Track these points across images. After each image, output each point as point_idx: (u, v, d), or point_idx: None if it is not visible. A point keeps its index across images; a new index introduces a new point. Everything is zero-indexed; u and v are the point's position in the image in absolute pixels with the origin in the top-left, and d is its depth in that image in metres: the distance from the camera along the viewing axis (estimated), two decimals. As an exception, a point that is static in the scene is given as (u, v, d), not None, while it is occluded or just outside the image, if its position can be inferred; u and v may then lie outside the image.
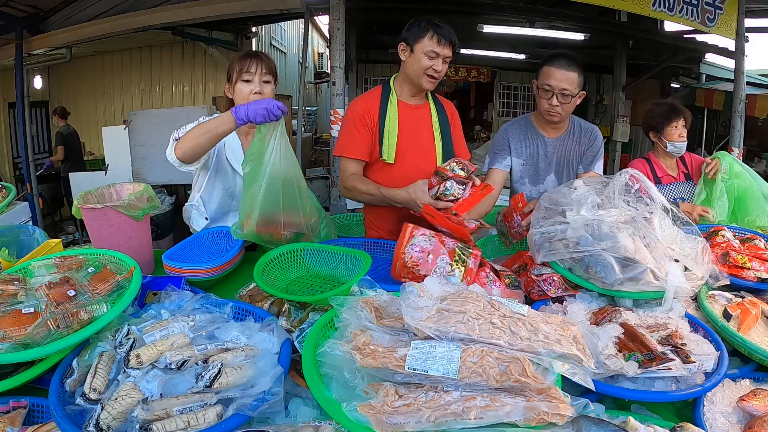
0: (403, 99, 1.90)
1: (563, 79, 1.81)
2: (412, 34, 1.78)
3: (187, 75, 7.46)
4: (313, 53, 12.95)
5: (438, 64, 1.77)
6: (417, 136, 1.90)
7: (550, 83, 1.82)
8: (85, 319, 1.02)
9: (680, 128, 2.34)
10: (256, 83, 1.68)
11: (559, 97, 1.82)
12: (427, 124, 1.92)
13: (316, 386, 0.87)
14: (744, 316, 1.22)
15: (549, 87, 1.83)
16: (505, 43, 7.85)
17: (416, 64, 1.78)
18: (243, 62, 1.69)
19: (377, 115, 1.87)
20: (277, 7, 5.34)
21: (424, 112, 1.93)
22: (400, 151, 1.87)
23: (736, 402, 1.00)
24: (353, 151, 1.86)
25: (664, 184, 2.36)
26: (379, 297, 1.10)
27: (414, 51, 1.78)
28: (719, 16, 4.56)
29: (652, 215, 1.34)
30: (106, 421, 0.80)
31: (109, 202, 1.56)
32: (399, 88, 1.90)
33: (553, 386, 0.85)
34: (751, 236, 1.64)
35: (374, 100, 1.89)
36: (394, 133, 1.86)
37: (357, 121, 1.86)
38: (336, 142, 1.96)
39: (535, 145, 2.00)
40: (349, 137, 1.87)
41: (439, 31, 1.74)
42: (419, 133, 1.91)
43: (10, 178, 6.93)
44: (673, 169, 2.41)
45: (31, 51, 5.72)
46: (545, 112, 1.89)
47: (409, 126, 1.89)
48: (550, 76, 1.83)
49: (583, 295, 1.31)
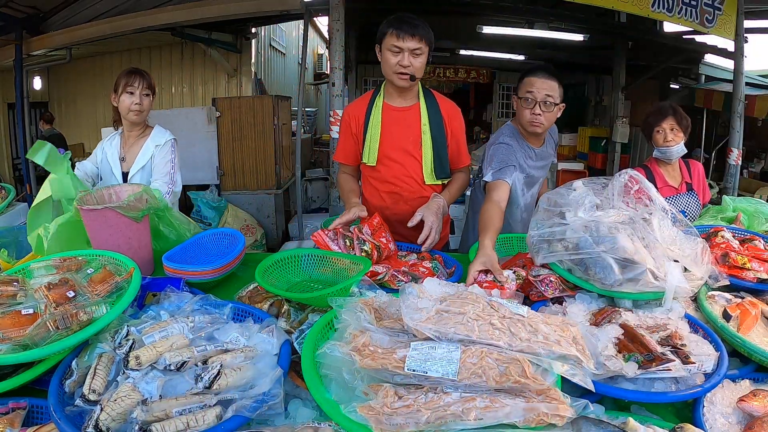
0: (389, 101, 1.90)
1: (544, 86, 1.81)
2: (379, 33, 1.79)
3: (186, 76, 7.45)
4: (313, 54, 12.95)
5: (404, 59, 1.74)
6: (401, 138, 1.90)
7: (532, 90, 1.83)
8: (85, 321, 1.02)
9: (666, 131, 2.15)
10: (137, 96, 2.04)
11: (542, 105, 1.82)
12: (414, 125, 1.90)
13: (315, 387, 0.87)
14: (744, 317, 1.21)
15: (531, 95, 1.83)
16: (505, 44, 7.84)
17: (386, 63, 1.79)
18: (128, 77, 2.03)
19: (363, 119, 1.91)
20: (276, 8, 5.33)
21: (411, 113, 1.91)
22: (383, 153, 1.90)
23: (736, 402, 0.99)
24: (340, 155, 2.04)
25: (663, 197, 2.22)
26: (378, 298, 1.11)
27: (382, 50, 1.79)
28: (718, 16, 4.57)
29: (651, 216, 1.34)
30: (105, 422, 0.80)
31: (108, 204, 1.56)
32: (387, 90, 1.92)
33: (553, 387, 0.85)
34: (750, 237, 1.63)
35: (363, 104, 1.94)
36: (376, 136, 1.89)
37: (344, 128, 1.97)
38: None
39: (528, 156, 1.98)
40: (340, 143, 2.03)
41: (397, 24, 1.73)
42: (404, 135, 1.90)
43: (9, 179, 6.93)
44: (675, 179, 2.22)
45: (30, 52, 5.71)
46: (528, 123, 1.88)
47: (392, 128, 1.89)
48: (532, 84, 1.83)
49: (582, 296, 1.31)
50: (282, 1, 5.22)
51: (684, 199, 2.19)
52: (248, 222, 5.26)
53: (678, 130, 2.17)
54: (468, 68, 9.13)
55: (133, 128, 2.15)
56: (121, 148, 2.17)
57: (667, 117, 2.17)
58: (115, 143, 2.18)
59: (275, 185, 5.57)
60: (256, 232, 5.26)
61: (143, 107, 2.06)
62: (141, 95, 2.04)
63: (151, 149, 2.14)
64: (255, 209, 5.49)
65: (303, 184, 5.88)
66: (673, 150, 2.16)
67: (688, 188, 2.23)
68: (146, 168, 2.13)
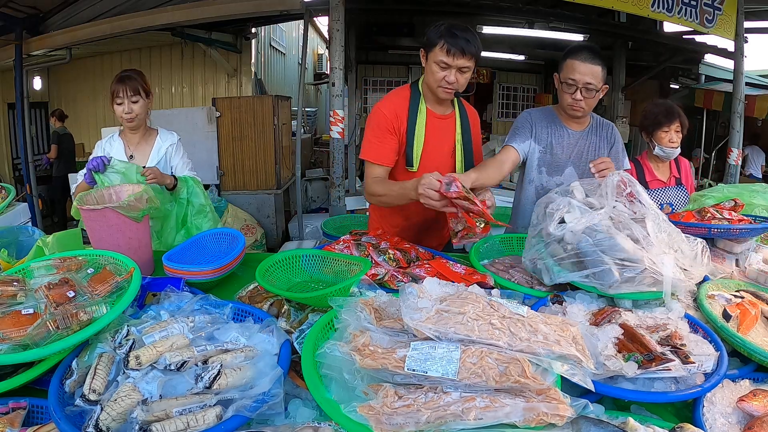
0: (431, 107, 1.86)
1: (587, 72, 1.74)
2: (427, 39, 1.72)
3: (186, 76, 7.45)
4: (313, 54, 12.96)
5: (450, 75, 1.69)
6: (440, 147, 1.88)
7: (574, 77, 1.75)
8: (85, 320, 1.02)
9: (672, 133, 2.25)
10: (126, 105, 2.04)
11: (583, 91, 1.76)
12: (450, 135, 1.90)
13: (315, 387, 0.87)
14: (743, 317, 1.22)
15: (573, 81, 1.76)
16: (505, 44, 7.85)
17: (430, 74, 1.73)
18: (115, 87, 2.04)
19: (406, 121, 1.82)
20: (276, 8, 5.34)
21: (449, 123, 1.89)
22: (422, 160, 1.85)
23: (736, 402, 0.99)
24: (379, 157, 1.81)
25: (651, 188, 2.29)
26: (378, 298, 1.11)
27: (428, 59, 1.73)
28: (718, 16, 4.57)
29: (645, 216, 1.34)
30: (105, 422, 0.80)
31: (108, 203, 1.56)
32: (426, 93, 1.85)
33: (553, 387, 0.85)
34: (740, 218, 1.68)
35: (403, 105, 1.83)
36: (421, 142, 1.83)
37: (384, 126, 1.80)
38: (362, 144, 1.89)
39: (558, 135, 1.92)
40: (375, 142, 1.81)
41: (450, 40, 1.65)
42: (442, 144, 1.89)
43: (9, 179, 6.92)
44: (664, 173, 2.34)
45: (30, 52, 5.71)
46: (568, 106, 1.83)
47: (434, 136, 1.86)
48: (574, 69, 1.76)
49: (582, 296, 1.31)
50: (282, 1, 5.22)
51: (672, 192, 2.30)
52: (248, 222, 5.27)
53: (680, 133, 2.27)
54: (468, 68, 9.12)
55: (136, 130, 2.16)
56: (127, 146, 2.17)
57: (675, 120, 2.25)
58: (117, 143, 2.18)
59: (275, 185, 5.57)
60: (256, 232, 5.26)
61: (134, 114, 2.06)
62: (129, 103, 2.04)
63: (164, 148, 2.18)
64: (255, 209, 5.49)
65: (303, 184, 5.89)
66: (676, 151, 2.27)
67: (677, 182, 2.33)
68: (160, 165, 2.14)
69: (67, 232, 1.65)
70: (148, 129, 2.21)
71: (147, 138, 2.19)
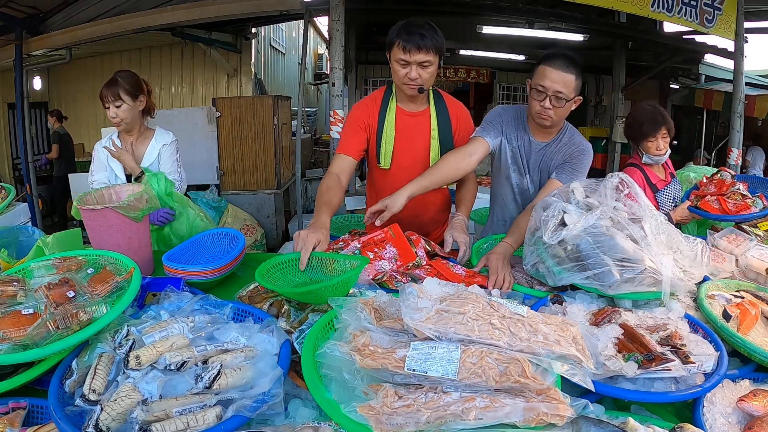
0: (402, 105, 1.88)
1: (559, 80, 1.64)
2: (387, 39, 1.74)
3: (186, 76, 7.46)
4: (313, 54, 12.95)
5: (412, 71, 1.70)
6: (412, 143, 1.89)
7: (545, 84, 1.66)
8: (85, 320, 1.02)
9: (659, 140, 2.20)
10: (111, 110, 2.08)
11: (553, 99, 1.66)
12: (424, 131, 1.89)
13: (315, 387, 0.87)
14: (743, 317, 1.22)
15: (542, 88, 1.66)
16: (505, 44, 7.85)
17: (394, 72, 1.76)
18: (101, 92, 2.07)
19: (377, 119, 1.87)
20: (276, 8, 5.34)
21: (422, 119, 1.89)
22: (395, 157, 1.88)
23: (736, 402, 0.99)
24: (343, 147, 1.87)
25: (660, 189, 2.30)
26: (378, 298, 1.11)
27: (390, 58, 1.76)
28: (718, 16, 4.57)
29: (644, 217, 1.34)
30: (105, 422, 0.80)
31: (108, 203, 1.56)
32: (397, 92, 1.88)
33: (553, 387, 0.85)
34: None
35: (375, 104, 1.89)
36: (391, 140, 1.87)
37: (356, 123, 1.87)
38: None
39: (522, 141, 1.87)
40: (344, 137, 1.90)
41: (406, 37, 1.65)
42: (415, 140, 1.89)
43: (9, 179, 6.93)
44: (661, 172, 2.35)
45: (30, 52, 5.71)
46: (536, 114, 1.74)
47: (405, 133, 1.88)
48: (545, 76, 1.66)
49: (582, 296, 1.31)
50: (282, 1, 5.23)
51: (674, 186, 2.33)
52: (248, 222, 5.27)
53: (667, 137, 2.23)
54: (468, 68, 9.13)
55: (130, 131, 2.18)
56: (124, 147, 2.18)
57: (661, 128, 2.21)
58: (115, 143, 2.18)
59: (275, 185, 5.57)
60: (256, 232, 5.26)
61: (119, 118, 2.09)
62: (113, 108, 2.07)
63: (157, 148, 2.20)
64: (255, 209, 5.49)
65: (303, 184, 5.89)
66: (664, 157, 2.27)
67: (672, 177, 2.36)
68: (153, 166, 2.17)
69: (67, 232, 1.65)
70: (145, 129, 2.22)
71: (143, 138, 2.20)
